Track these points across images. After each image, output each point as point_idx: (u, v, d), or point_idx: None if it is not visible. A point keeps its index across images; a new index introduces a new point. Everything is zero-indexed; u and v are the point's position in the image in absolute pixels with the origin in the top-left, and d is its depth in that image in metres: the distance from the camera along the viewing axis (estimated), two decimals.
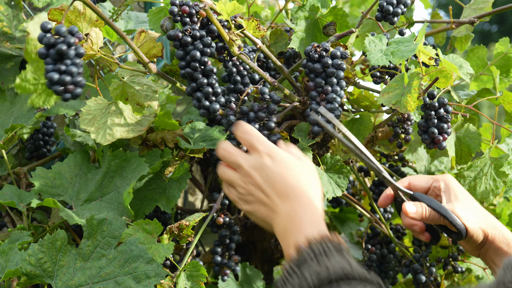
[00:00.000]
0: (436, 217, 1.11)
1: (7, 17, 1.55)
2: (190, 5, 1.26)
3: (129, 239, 1.14)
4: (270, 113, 1.24)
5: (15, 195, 1.31)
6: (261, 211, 1.03)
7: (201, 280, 1.27)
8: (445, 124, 1.29)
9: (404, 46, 1.21)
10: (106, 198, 1.30)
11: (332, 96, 1.28)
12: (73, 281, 1.12)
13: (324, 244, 0.92)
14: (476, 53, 1.70)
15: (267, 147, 1.03)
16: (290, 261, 0.92)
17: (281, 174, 1.00)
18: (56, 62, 1.04)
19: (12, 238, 1.23)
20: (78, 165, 1.34)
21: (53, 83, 1.03)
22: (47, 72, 1.03)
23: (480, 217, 1.12)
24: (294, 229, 0.97)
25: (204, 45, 1.26)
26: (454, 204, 1.12)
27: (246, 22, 1.29)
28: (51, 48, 1.04)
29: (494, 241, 1.11)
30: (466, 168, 1.39)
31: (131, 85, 1.25)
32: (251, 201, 1.04)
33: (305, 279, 0.89)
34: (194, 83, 1.30)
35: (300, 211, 0.98)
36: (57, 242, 1.14)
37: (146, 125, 1.28)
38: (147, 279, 1.11)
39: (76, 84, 1.05)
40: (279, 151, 1.03)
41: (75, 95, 1.05)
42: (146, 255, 1.13)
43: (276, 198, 1.00)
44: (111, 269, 1.12)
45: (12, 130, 1.39)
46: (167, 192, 1.34)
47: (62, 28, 1.04)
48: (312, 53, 1.28)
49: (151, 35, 1.24)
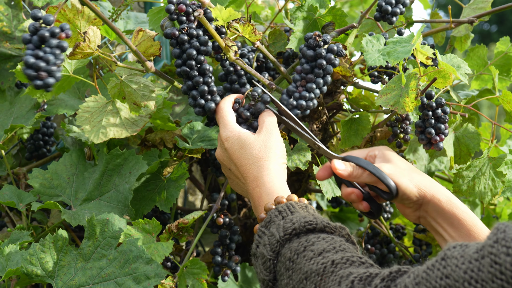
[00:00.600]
0: (365, 175, 1.10)
1: (7, 17, 1.56)
2: (187, 4, 1.26)
3: (129, 240, 1.14)
4: (255, 114, 1.22)
5: (14, 195, 1.31)
6: (238, 185, 1.15)
7: (202, 277, 1.27)
8: (442, 125, 1.29)
9: (401, 46, 1.21)
10: (105, 197, 1.30)
11: (311, 86, 1.27)
12: (74, 281, 1.12)
13: (289, 204, 0.99)
14: (476, 53, 1.70)
15: (224, 130, 1.15)
16: (260, 224, 0.99)
17: (235, 156, 1.12)
18: (36, 48, 1.04)
19: (12, 238, 1.23)
20: (74, 164, 1.34)
21: (27, 66, 1.03)
22: (25, 56, 1.03)
23: (415, 176, 1.09)
24: (262, 198, 1.06)
25: (200, 44, 1.26)
26: (385, 164, 1.10)
27: (241, 27, 1.28)
28: (34, 35, 1.04)
29: (433, 199, 1.08)
30: (465, 168, 1.38)
31: (128, 84, 1.25)
32: (229, 176, 1.18)
33: (272, 235, 0.95)
34: (189, 81, 1.29)
35: (258, 186, 1.07)
36: (58, 242, 1.14)
37: (141, 125, 1.28)
38: (146, 280, 1.11)
39: (49, 73, 1.05)
40: (234, 133, 1.14)
41: (46, 84, 1.04)
42: (145, 256, 1.13)
43: (242, 177, 1.11)
44: (111, 269, 1.12)
45: (12, 130, 1.40)
46: (165, 191, 1.34)
47: (50, 18, 1.04)
48: (311, 40, 1.27)
49: (149, 34, 1.24)
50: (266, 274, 0.94)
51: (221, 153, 1.16)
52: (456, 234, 1.06)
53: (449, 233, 1.07)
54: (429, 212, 1.09)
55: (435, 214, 1.08)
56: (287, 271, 0.91)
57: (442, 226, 1.08)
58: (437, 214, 1.08)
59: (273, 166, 1.09)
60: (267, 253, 0.94)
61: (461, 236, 1.06)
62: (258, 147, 1.11)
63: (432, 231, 1.11)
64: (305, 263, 0.88)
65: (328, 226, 0.96)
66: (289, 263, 0.91)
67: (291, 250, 0.91)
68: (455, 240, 1.06)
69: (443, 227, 1.08)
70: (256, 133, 1.14)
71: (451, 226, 1.07)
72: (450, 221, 1.07)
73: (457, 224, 1.06)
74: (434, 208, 1.08)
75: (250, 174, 1.09)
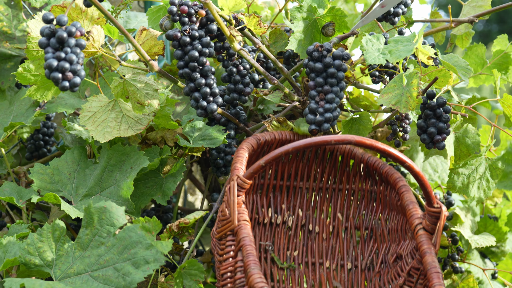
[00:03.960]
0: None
1: (7, 17, 1.56)
2: (189, 5, 1.27)
3: (128, 226, 1.13)
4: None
5: (14, 192, 1.31)
6: None
7: (199, 279, 1.27)
8: (444, 124, 1.30)
9: (403, 45, 1.21)
10: (106, 192, 1.30)
11: (331, 96, 1.28)
12: (72, 269, 1.11)
13: None
14: (474, 51, 1.70)
15: None
16: None
17: None
18: (56, 51, 1.04)
19: (10, 232, 1.23)
20: (76, 161, 1.34)
21: (51, 69, 1.02)
22: (46, 60, 1.03)
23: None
24: None
25: (203, 45, 1.26)
26: None
27: (247, 18, 1.29)
28: (52, 37, 1.04)
29: None
30: (461, 165, 1.39)
31: (132, 83, 1.25)
32: None
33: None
34: (192, 83, 1.30)
35: None
36: (56, 232, 1.13)
37: (145, 123, 1.28)
38: (146, 264, 1.10)
39: (74, 72, 1.05)
40: None
41: (73, 84, 1.04)
42: (145, 241, 1.12)
43: None
44: (110, 256, 1.11)
45: (11, 128, 1.40)
46: (163, 186, 1.34)
47: (64, 18, 1.04)
48: (315, 52, 1.28)
49: (153, 33, 1.25)
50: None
51: None
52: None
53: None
54: None
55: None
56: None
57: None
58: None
59: None
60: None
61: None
62: None
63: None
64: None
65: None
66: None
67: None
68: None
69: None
70: None
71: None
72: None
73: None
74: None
75: None
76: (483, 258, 1.75)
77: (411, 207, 1.20)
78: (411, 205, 1.20)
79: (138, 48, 1.23)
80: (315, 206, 1.41)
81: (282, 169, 1.40)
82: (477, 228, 1.72)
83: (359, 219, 1.37)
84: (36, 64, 1.24)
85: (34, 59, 1.23)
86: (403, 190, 1.24)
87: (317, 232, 1.38)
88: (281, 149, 1.08)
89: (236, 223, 1.09)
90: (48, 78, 1.03)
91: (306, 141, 1.07)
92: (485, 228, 1.73)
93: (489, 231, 1.72)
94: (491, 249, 1.76)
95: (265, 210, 1.38)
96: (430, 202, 1.13)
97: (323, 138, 1.07)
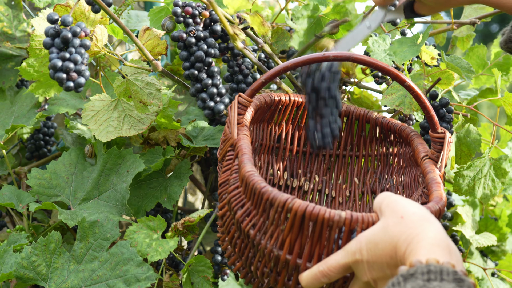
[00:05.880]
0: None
1: (7, 17, 1.55)
2: (193, 6, 1.27)
3: (121, 242, 1.15)
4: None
5: (14, 196, 1.30)
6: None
7: (207, 275, 1.27)
8: (447, 125, 1.30)
9: (408, 46, 1.21)
10: (104, 196, 1.29)
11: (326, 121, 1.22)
12: (67, 283, 1.12)
13: (445, 268, 0.76)
14: (476, 52, 1.70)
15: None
16: (400, 274, 0.78)
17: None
18: (60, 51, 1.04)
19: (10, 240, 1.23)
20: (73, 164, 1.33)
21: (56, 69, 1.02)
22: (51, 60, 1.02)
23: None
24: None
25: (208, 46, 1.27)
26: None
27: (251, 17, 1.29)
28: (56, 37, 1.04)
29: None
30: (466, 167, 1.39)
31: (134, 83, 1.25)
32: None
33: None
34: (198, 84, 1.30)
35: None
36: (51, 244, 1.13)
37: (147, 123, 1.28)
38: (137, 282, 1.11)
39: (79, 73, 1.05)
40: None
41: (77, 84, 1.04)
42: (136, 258, 1.13)
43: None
44: (102, 271, 1.13)
45: (13, 130, 1.39)
46: (168, 189, 1.34)
47: (69, 18, 1.04)
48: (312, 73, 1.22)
49: (156, 33, 1.24)
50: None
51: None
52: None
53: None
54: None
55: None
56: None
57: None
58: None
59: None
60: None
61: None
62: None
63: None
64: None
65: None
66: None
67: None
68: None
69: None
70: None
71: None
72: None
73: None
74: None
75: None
76: (483, 257, 1.75)
77: (420, 147, 1.17)
78: (420, 145, 1.17)
79: (142, 48, 1.23)
80: (332, 171, 1.39)
81: (299, 134, 1.37)
82: (478, 228, 1.73)
83: (375, 183, 1.35)
84: (39, 62, 1.24)
85: (37, 57, 1.22)
86: (413, 138, 1.21)
87: (333, 196, 1.36)
88: (280, 65, 1.07)
89: (235, 137, 1.07)
90: (52, 78, 1.03)
91: (305, 57, 1.06)
92: (486, 227, 1.73)
93: (490, 231, 1.72)
94: (492, 248, 1.77)
95: (281, 173, 1.36)
96: (434, 127, 1.12)
97: (321, 54, 1.05)
